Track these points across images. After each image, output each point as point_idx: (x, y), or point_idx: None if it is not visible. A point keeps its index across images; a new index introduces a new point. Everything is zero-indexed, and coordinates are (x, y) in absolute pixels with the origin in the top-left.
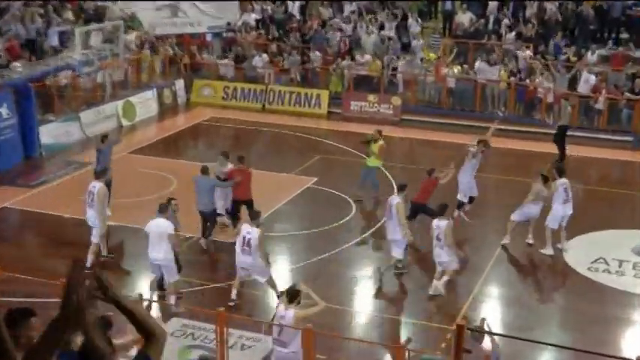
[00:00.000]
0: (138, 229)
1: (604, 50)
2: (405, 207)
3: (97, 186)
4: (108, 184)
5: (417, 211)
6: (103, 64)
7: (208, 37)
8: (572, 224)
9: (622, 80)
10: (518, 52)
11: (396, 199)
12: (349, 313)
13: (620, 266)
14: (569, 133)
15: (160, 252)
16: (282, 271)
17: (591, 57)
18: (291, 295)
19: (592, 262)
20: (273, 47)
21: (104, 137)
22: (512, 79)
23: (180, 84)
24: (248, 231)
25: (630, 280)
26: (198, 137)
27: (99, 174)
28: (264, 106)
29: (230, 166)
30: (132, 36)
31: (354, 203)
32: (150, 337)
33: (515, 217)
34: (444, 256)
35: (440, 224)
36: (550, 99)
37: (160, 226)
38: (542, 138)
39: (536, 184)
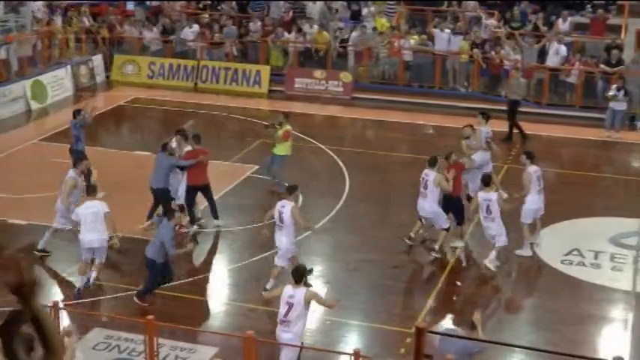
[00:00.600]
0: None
1: (579, 17)
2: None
3: (68, 173)
4: (87, 174)
5: (449, 206)
6: (6, 37)
7: (129, 6)
8: (544, 212)
9: (600, 50)
10: (482, 20)
11: (432, 174)
12: None
13: (596, 258)
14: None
15: (96, 233)
16: (221, 272)
17: (563, 25)
18: (299, 275)
19: (565, 255)
20: (206, 17)
21: (76, 112)
22: (475, 50)
23: (98, 60)
24: (282, 205)
25: (607, 274)
26: (121, 121)
27: (74, 161)
28: (196, 84)
29: (188, 148)
30: (40, 5)
31: (300, 194)
32: (50, 352)
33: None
34: (494, 229)
35: (489, 196)
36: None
37: (93, 206)
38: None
39: (478, 127)
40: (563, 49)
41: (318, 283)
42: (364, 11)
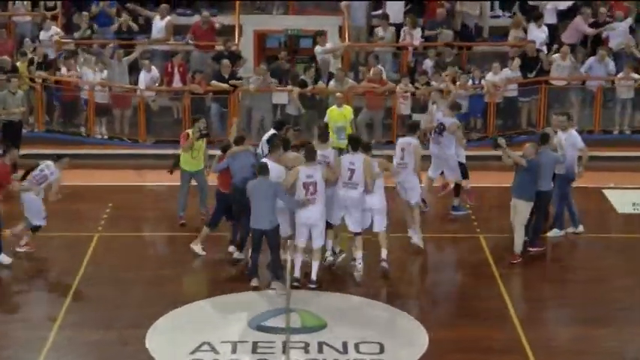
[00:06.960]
0: None
1: (176, 16)
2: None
3: None
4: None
5: None
6: None
7: None
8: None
9: (207, 62)
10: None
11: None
12: None
13: (234, 352)
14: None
15: None
16: None
17: (155, 28)
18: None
19: (192, 352)
20: None
21: None
22: (38, 72)
23: None
24: (323, 154)
25: None
26: None
27: None
28: None
29: None
30: None
31: None
32: None
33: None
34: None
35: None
36: (103, 99)
37: None
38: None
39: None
40: (155, 73)
41: None
42: None
